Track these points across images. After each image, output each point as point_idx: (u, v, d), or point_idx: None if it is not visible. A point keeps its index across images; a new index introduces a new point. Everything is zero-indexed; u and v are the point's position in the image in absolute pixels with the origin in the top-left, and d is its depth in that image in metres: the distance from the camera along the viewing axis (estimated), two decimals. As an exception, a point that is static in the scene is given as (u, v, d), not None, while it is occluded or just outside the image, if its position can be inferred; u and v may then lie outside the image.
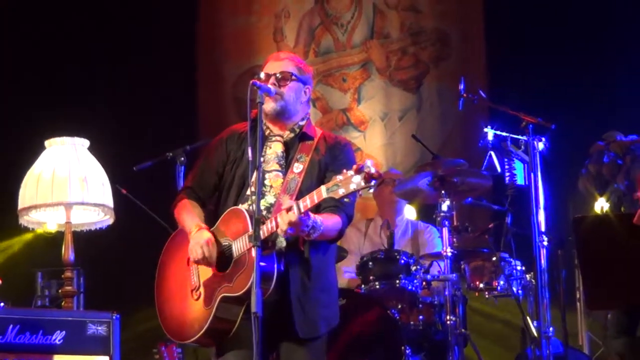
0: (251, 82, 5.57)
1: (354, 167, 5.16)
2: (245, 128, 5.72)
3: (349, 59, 10.89)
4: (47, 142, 7.90)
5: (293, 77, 5.80)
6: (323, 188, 5.27)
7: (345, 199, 5.32)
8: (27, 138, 8.75)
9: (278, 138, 5.80)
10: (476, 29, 10.82)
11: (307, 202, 5.34)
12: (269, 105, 5.72)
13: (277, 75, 5.76)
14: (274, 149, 5.77)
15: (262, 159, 5.63)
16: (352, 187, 5.17)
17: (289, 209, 5.28)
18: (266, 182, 5.69)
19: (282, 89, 5.76)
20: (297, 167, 5.71)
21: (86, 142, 7.88)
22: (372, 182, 5.15)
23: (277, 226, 5.36)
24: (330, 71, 10.87)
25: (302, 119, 5.86)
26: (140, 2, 10.63)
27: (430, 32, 10.86)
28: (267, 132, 5.79)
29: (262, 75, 5.76)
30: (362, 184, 5.14)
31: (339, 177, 5.20)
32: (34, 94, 10.04)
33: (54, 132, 8.08)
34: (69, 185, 7.78)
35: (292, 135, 5.81)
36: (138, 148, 8.59)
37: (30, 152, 8.16)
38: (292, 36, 10.94)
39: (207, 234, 5.64)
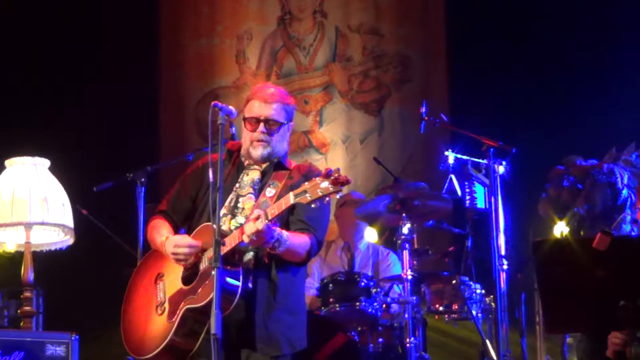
0: (212, 104, 5.59)
1: (322, 172, 5.22)
2: (217, 157, 5.75)
3: (311, 81, 10.92)
4: (7, 162, 7.89)
5: (281, 124, 5.85)
6: (291, 194, 5.32)
7: (316, 215, 5.58)
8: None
9: (256, 167, 5.89)
10: (438, 53, 10.88)
11: (274, 209, 5.40)
12: (257, 152, 5.81)
13: (269, 121, 5.80)
14: (251, 176, 5.88)
15: (237, 185, 5.81)
16: (320, 192, 5.23)
17: (257, 218, 5.32)
18: (239, 204, 5.78)
19: (270, 137, 5.81)
20: (270, 192, 5.76)
21: (47, 162, 7.87)
22: (340, 187, 5.22)
23: (242, 232, 5.40)
24: (292, 93, 10.80)
25: (282, 152, 5.94)
26: (100, 23, 10.64)
27: (392, 56, 10.91)
28: (246, 162, 5.87)
29: (252, 117, 5.80)
30: (330, 188, 5.20)
31: (307, 184, 5.27)
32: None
33: (14, 152, 8.09)
34: (29, 205, 7.77)
35: (268, 164, 5.88)
36: (99, 168, 8.58)
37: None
38: (255, 58, 10.97)
39: (179, 236, 5.73)
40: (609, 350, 6.23)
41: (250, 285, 5.57)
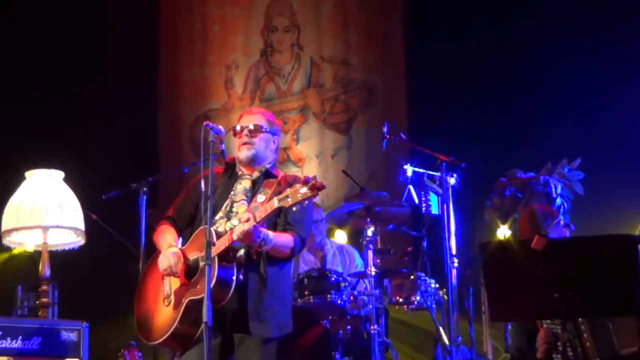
0: (204, 123, 5.65)
1: (301, 180, 5.30)
2: (219, 170, 5.85)
3: (289, 104, 10.91)
4: (27, 173, 7.85)
5: (263, 130, 5.90)
6: (275, 199, 5.40)
7: (298, 217, 5.63)
8: (7, 169, 8.72)
9: (247, 177, 5.92)
10: (398, 81, 10.89)
11: (262, 212, 5.45)
12: (243, 153, 5.87)
13: (250, 127, 5.87)
14: (243, 185, 5.89)
15: (232, 192, 5.82)
16: (299, 196, 5.31)
17: (246, 220, 5.39)
18: (234, 209, 5.79)
19: (253, 139, 5.85)
20: (260, 198, 5.77)
21: (61, 174, 7.85)
22: (317, 192, 5.31)
23: (232, 233, 5.48)
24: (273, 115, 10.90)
25: (269, 163, 5.96)
26: (107, 54, 10.59)
27: (359, 83, 10.91)
28: (239, 172, 5.91)
29: (238, 127, 5.86)
30: (308, 193, 5.28)
31: (289, 190, 5.36)
32: (15, 130, 9.96)
33: (33, 165, 8.06)
34: (45, 211, 7.74)
35: (258, 174, 5.90)
36: (106, 179, 8.54)
37: (12, 181, 8.13)
38: (241, 85, 10.97)
39: (174, 249, 5.73)
40: (539, 352, 6.23)
41: (242, 278, 5.59)
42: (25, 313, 8.18)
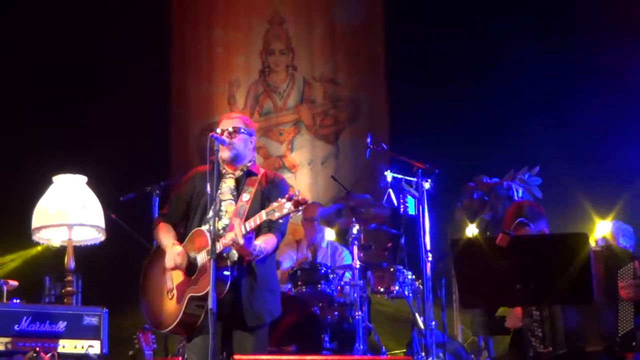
0: (210, 134, 5.68)
1: (286, 196, 5.36)
2: (205, 169, 5.77)
3: (285, 118, 10.90)
4: (54, 178, 7.85)
5: (242, 131, 5.92)
6: (263, 212, 5.44)
7: (280, 220, 5.53)
8: (36, 173, 8.70)
9: (231, 175, 5.91)
10: (381, 97, 10.88)
11: (251, 223, 5.47)
12: (225, 153, 5.84)
13: (230, 129, 5.89)
14: (228, 184, 5.89)
15: (219, 191, 5.78)
16: (285, 211, 5.35)
17: (236, 234, 5.47)
18: (222, 208, 5.81)
19: (233, 140, 5.85)
20: (245, 197, 5.78)
21: (84, 178, 7.84)
22: (300, 207, 5.34)
23: (227, 239, 5.51)
24: (270, 127, 10.88)
25: (249, 161, 5.95)
26: (128, 72, 10.54)
27: (345, 99, 10.91)
28: (223, 171, 5.89)
29: (219, 130, 5.86)
30: (292, 208, 5.32)
31: (275, 204, 5.39)
32: (43, 138, 9.92)
33: (59, 170, 8.03)
34: (71, 211, 7.73)
35: (241, 173, 5.91)
36: (124, 183, 8.52)
37: (39, 184, 8.12)
38: (242, 101, 10.95)
39: (179, 248, 5.73)
40: (509, 322, 6.21)
41: (235, 274, 5.63)
42: (53, 300, 8.15)
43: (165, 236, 5.88)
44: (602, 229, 8.49)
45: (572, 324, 5.95)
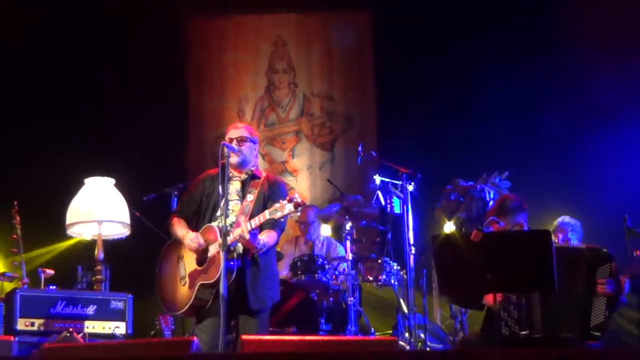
0: (222, 143, 5.75)
1: (287, 198, 5.43)
2: (216, 172, 5.81)
3: (287, 129, 10.89)
4: (86, 180, 7.86)
5: (247, 140, 5.92)
6: (267, 212, 5.54)
7: (281, 219, 5.61)
8: (68, 175, 8.70)
9: (237, 178, 5.95)
10: (370, 111, 10.86)
11: (256, 221, 5.56)
12: (234, 159, 5.88)
13: (238, 138, 5.89)
14: (235, 186, 5.92)
15: (227, 192, 5.79)
16: (285, 211, 5.46)
17: (242, 232, 5.54)
18: (230, 207, 5.81)
19: (241, 147, 5.88)
20: (249, 197, 5.83)
21: (112, 181, 7.87)
22: (299, 208, 5.47)
23: (236, 234, 5.57)
24: (274, 137, 10.87)
25: (253, 166, 5.98)
26: (152, 88, 10.51)
27: (340, 113, 10.90)
28: (231, 174, 5.91)
29: (227, 138, 5.91)
30: (292, 209, 5.43)
31: (277, 205, 5.50)
32: (76, 144, 9.88)
33: (90, 173, 8.04)
34: (100, 209, 7.74)
35: (246, 176, 5.93)
36: (147, 185, 8.52)
37: (71, 185, 8.13)
38: (250, 114, 10.94)
39: (193, 233, 5.78)
40: (490, 299, 6.18)
41: (240, 264, 5.67)
42: (84, 287, 8.14)
43: (180, 228, 5.93)
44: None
45: (550, 312, 5.95)
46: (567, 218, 7.84)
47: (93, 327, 7.13)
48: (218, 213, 5.74)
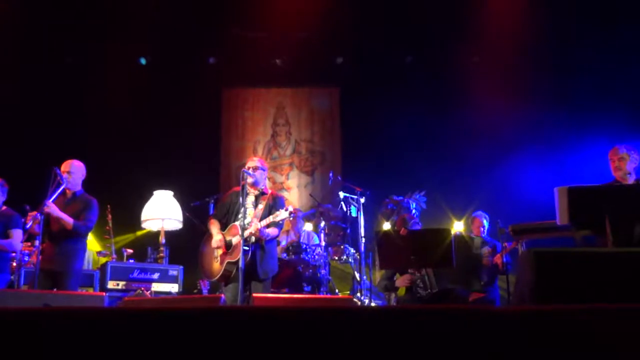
0: (242, 170, 5.72)
1: (284, 208, 5.37)
2: (239, 189, 5.80)
3: (284, 161, 10.90)
4: (155, 192, 7.84)
5: (259, 168, 5.91)
6: (271, 217, 5.58)
7: (280, 221, 5.62)
8: (139, 187, 8.65)
9: (252, 193, 5.95)
10: (337, 150, 10.91)
11: (264, 222, 5.58)
12: (250, 180, 5.85)
13: (253, 167, 5.88)
14: (250, 198, 5.92)
15: (245, 202, 5.74)
16: (283, 216, 5.51)
17: (257, 229, 5.60)
18: (247, 212, 5.77)
19: (255, 173, 5.86)
20: (260, 206, 5.81)
21: (171, 192, 7.85)
22: (292, 215, 5.56)
23: (251, 230, 5.58)
24: (276, 166, 10.87)
25: (263, 186, 5.97)
26: (199, 133, 10.49)
27: (318, 151, 10.92)
28: (248, 191, 5.89)
29: (247, 166, 5.89)
30: (287, 215, 5.50)
31: (277, 212, 5.52)
32: (150, 166, 9.80)
33: (156, 186, 8.00)
34: (163, 210, 7.71)
35: (258, 192, 5.90)
36: (193, 196, 8.48)
37: (146, 194, 8.09)
38: (261, 151, 10.95)
39: (220, 236, 5.73)
40: (398, 283, 6.20)
41: (253, 248, 5.63)
42: (152, 261, 8.13)
43: (213, 228, 5.89)
44: (457, 226, 8.54)
45: (441, 280, 6.00)
46: (480, 211, 7.79)
47: (157, 287, 7.10)
48: (240, 216, 5.73)
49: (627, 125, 8.96)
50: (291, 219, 6.23)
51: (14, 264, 6.60)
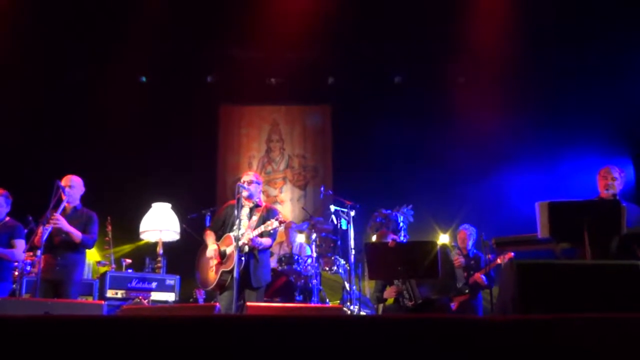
0: (237, 184, 5.69)
1: (276, 217, 5.37)
2: (234, 202, 5.78)
3: (278, 175, 10.89)
4: (153, 204, 7.81)
5: (254, 182, 5.90)
6: (262, 226, 5.53)
7: (272, 231, 5.60)
8: (137, 199, 8.61)
9: (247, 205, 5.92)
10: (328, 165, 10.91)
11: (257, 232, 5.54)
12: (245, 193, 5.84)
13: (248, 181, 5.86)
14: (245, 210, 5.88)
15: (240, 214, 5.73)
16: (274, 226, 5.47)
17: (250, 238, 5.56)
18: (242, 223, 5.76)
19: (250, 187, 5.84)
20: (254, 218, 5.79)
21: (169, 205, 7.82)
22: (283, 224, 5.55)
23: (244, 240, 5.54)
24: (270, 180, 10.86)
25: (257, 198, 5.95)
26: (198, 148, 10.49)
27: (310, 167, 10.92)
28: (243, 203, 5.87)
29: (242, 180, 5.87)
30: (278, 225, 5.49)
31: (269, 222, 5.47)
32: (150, 181, 9.73)
33: (154, 199, 7.97)
34: (162, 222, 7.68)
35: (252, 204, 5.89)
36: (190, 208, 8.46)
37: (144, 206, 8.06)
38: (255, 165, 10.94)
39: (214, 246, 5.73)
40: (385, 294, 6.19)
41: (246, 258, 5.63)
42: (150, 270, 8.08)
43: (209, 239, 5.88)
44: (443, 239, 8.54)
45: (423, 290, 6.00)
46: (466, 224, 7.80)
47: (155, 296, 7.05)
48: (235, 227, 5.71)
49: (611, 139, 9.01)
50: (282, 228, 6.22)
51: (16, 273, 6.55)
